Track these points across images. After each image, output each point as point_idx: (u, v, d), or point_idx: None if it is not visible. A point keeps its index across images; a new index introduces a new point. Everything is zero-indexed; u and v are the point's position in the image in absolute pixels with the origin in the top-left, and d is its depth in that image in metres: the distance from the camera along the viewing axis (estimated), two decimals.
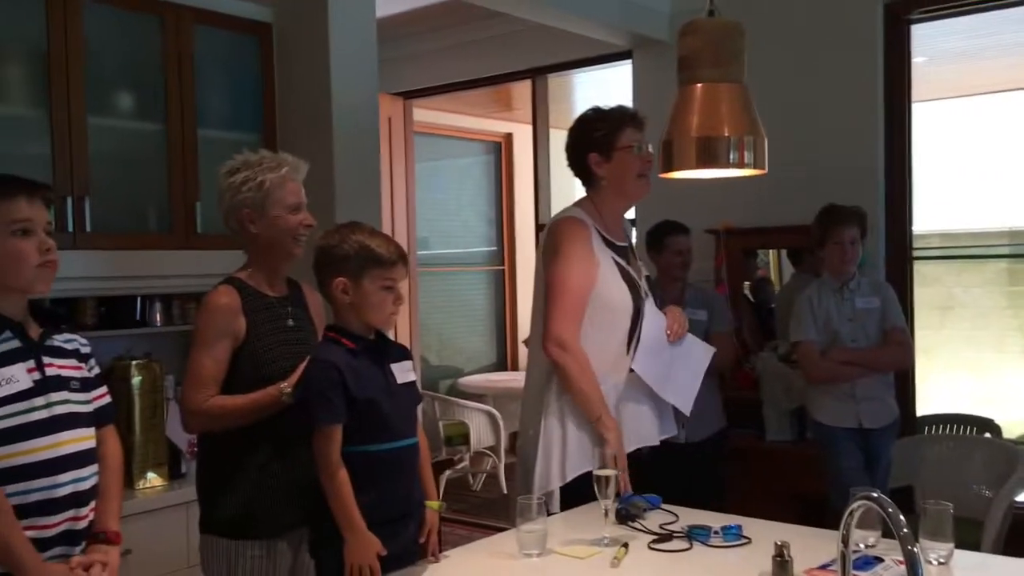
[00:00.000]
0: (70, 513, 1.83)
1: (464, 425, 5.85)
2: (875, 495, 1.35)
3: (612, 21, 4.40)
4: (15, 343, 1.79)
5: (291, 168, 2.25)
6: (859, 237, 3.51)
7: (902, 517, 1.30)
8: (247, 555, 2.17)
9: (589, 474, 2.37)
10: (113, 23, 2.95)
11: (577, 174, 2.64)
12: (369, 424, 1.99)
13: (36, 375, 1.80)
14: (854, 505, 1.37)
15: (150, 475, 2.93)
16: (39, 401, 1.79)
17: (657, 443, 2.66)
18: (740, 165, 2.12)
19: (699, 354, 2.71)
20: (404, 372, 2.10)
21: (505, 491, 5.79)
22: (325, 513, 1.97)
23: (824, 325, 3.50)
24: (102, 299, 3.04)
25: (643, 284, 2.64)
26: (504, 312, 7.64)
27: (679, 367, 2.64)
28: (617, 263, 2.56)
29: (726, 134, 2.11)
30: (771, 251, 4.67)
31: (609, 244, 2.57)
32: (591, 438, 2.49)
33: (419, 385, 2.21)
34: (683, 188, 3.44)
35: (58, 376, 1.84)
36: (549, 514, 2.34)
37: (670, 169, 2.19)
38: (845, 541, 1.40)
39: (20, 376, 1.77)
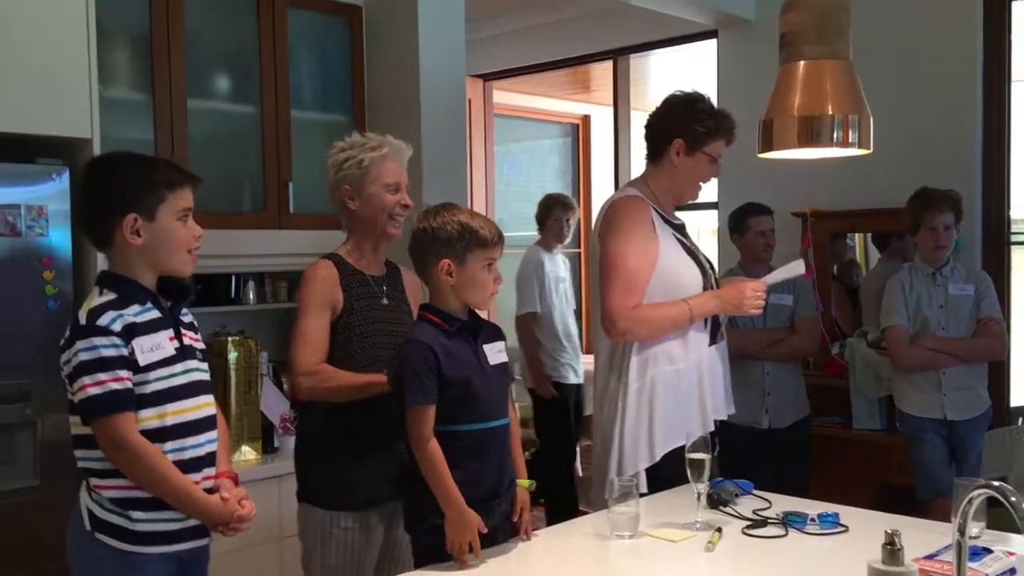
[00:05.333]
0: (209, 471, 1.94)
1: None
2: (996, 484, 1.31)
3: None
4: (156, 312, 1.90)
5: (392, 149, 2.30)
6: (953, 222, 3.39)
7: None
8: (341, 525, 2.22)
9: (674, 455, 2.36)
10: (211, 7, 3.04)
11: (650, 146, 2.56)
12: (461, 404, 2.00)
13: (176, 343, 1.92)
14: (974, 493, 1.33)
15: (244, 448, 3.01)
16: (179, 367, 1.91)
17: (725, 418, 2.61)
18: (844, 144, 2.05)
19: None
20: (496, 353, 2.10)
21: (580, 473, 5.78)
22: (417, 489, 2.00)
23: (915, 311, 3.40)
24: (197, 276, 3.12)
25: (706, 260, 2.59)
26: (580, 295, 7.60)
27: None
28: (680, 240, 2.53)
29: (830, 112, 2.04)
30: (858, 235, 4.55)
31: (667, 222, 2.53)
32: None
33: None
34: (768, 171, 3.38)
35: (191, 346, 1.97)
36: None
37: (770, 148, 2.13)
38: (962, 530, 1.36)
39: (165, 343, 1.89)
